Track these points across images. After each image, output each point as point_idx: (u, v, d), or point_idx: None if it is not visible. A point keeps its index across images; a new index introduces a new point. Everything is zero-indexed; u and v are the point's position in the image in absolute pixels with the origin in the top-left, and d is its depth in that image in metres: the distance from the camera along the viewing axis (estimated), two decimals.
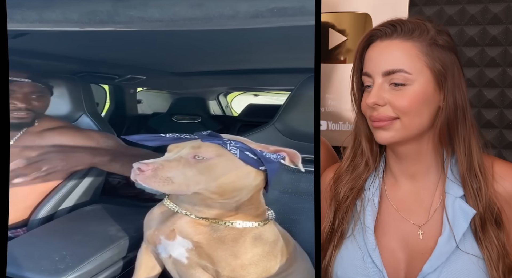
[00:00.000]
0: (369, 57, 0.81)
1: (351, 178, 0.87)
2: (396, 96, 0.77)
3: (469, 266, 0.77)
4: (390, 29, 0.79)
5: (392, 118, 0.78)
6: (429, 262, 0.79)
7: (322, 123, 1.20)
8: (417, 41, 0.78)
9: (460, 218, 0.78)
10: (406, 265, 0.83)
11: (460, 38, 1.11)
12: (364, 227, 0.85)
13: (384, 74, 0.78)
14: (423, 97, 0.77)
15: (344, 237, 0.88)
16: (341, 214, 0.87)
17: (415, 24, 0.79)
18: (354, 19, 1.16)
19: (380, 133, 0.80)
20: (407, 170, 0.84)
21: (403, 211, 0.85)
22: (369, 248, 0.84)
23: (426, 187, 0.84)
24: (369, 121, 0.82)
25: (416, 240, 0.82)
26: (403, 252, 0.83)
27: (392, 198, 0.86)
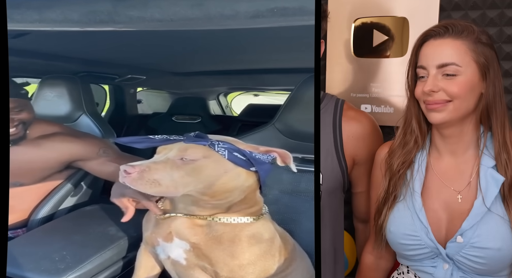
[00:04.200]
0: (424, 53, 0.96)
1: (402, 153, 1.02)
2: (449, 84, 0.92)
3: (498, 224, 0.93)
4: (443, 30, 0.94)
5: (445, 101, 0.93)
6: (466, 220, 0.94)
7: (367, 107, 1.43)
8: (466, 39, 0.93)
9: (492, 184, 0.94)
10: (447, 223, 0.98)
11: None
12: (413, 191, 1.01)
13: (438, 67, 0.93)
14: (471, 85, 0.93)
15: (396, 201, 1.03)
16: (394, 181, 1.03)
17: (463, 26, 0.94)
18: (394, 22, 1.37)
19: (433, 114, 0.95)
20: (450, 147, 1.00)
21: (445, 179, 1.00)
22: (416, 208, 1.00)
23: (465, 161, 0.99)
24: (423, 105, 0.97)
25: (455, 203, 0.98)
26: (444, 213, 0.99)
27: (436, 169, 1.02)
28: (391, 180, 1.03)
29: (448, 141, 0.99)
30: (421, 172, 1.02)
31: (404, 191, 1.03)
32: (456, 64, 0.91)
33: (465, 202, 0.97)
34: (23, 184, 1.44)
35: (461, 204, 0.97)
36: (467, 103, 0.94)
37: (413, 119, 1.01)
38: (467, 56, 0.92)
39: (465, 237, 0.95)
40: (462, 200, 0.97)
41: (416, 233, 0.99)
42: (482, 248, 0.93)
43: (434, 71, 0.93)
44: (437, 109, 0.94)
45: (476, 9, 1.29)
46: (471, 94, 0.93)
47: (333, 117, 1.19)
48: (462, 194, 0.98)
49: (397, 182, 1.02)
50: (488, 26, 1.28)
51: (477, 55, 0.92)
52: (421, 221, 0.99)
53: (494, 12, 1.28)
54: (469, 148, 0.99)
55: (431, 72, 0.94)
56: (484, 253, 0.93)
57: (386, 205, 1.04)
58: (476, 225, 0.94)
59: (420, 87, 0.96)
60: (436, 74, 0.93)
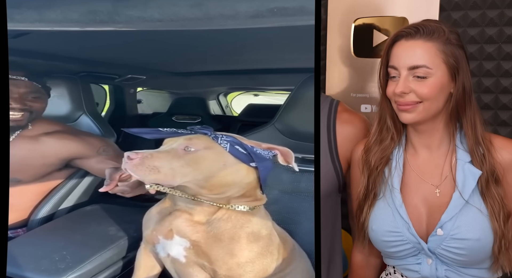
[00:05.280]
0: (395, 53, 0.97)
1: (379, 149, 1.04)
2: (419, 86, 0.94)
3: (476, 216, 0.95)
4: (414, 31, 0.95)
5: (415, 103, 0.95)
6: (446, 213, 0.97)
7: (367, 107, 1.44)
8: (436, 41, 0.94)
9: (469, 178, 0.97)
10: (427, 217, 1.00)
11: (481, 37, 1.32)
12: (392, 188, 1.03)
13: (409, 68, 0.94)
14: (440, 86, 0.94)
15: (376, 198, 1.05)
16: (373, 178, 1.04)
17: (434, 27, 0.95)
18: (394, 22, 1.39)
19: (404, 115, 0.97)
20: (424, 142, 1.02)
21: (423, 174, 1.02)
22: (396, 205, 1.02)
23: (440, 155, 1.02)
24: (395, 105, 0.99)
25: (434, 197, 1.00)
26: (424, 208, 1.01)
27: (413, 165, 1.03)
28: (370, 177, 1.05)
29: (421, 136, 1.02)
30: (399, 168, 1.03)
31: (383, 188, 1.04)
32: (427, 67, 0.93)
33: (443, 195, 0.99)
34: (21, 181, 1.44)
35: (439, 198, 0.99)
36: (436, 103, 0.96)
37: (387, 117, 1.03)
38: (437, 58, 0.93)
39: (444, 229, 0.97)
40: (440, 194, 0.99)
41: (397, 229, 1.01)
42: (462, 239, 0.95)
43: (405, 72, 0.94)
44: (407, 110, 0.96)
45: (476, 9, 1.30)
46: (441, 95, 0.95)
47: (327, 119, 1.19)
48: (440, 188, 1.00)
49: (376, 179, 1.04)
50: (488, 26, 1.29)
51: (447, 57, 0.94)
52: (402, 217, 1.00)
53: (494, 12, 1.28)
54: (442, 143, 1.01)
55: (402, 73, 0.95)
56: (464, 244, 0.95)
57: (367, 202, 1.05)
58: (455, 217, 0.96)
59: (391, 87, 0.97)
60: (407, 76, 0.94)
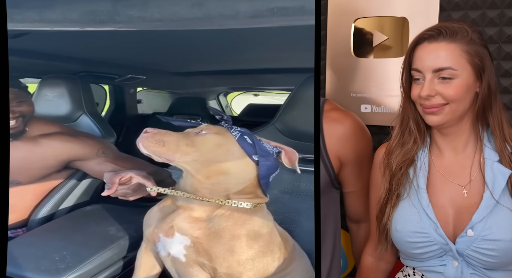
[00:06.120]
0: (418, 56, 0.96)
1: (401, 153, 1.03)
2: (445, 88, 0.93)
3: (508, 216, 0.94)
4: (436, 33, 0.94)
5: (442, 105, 0.94)
6: (477, 213, 0.95)
7: (367, 107, 1.43)
8: (460, 42, 0.93)
9: (499, 177, 0.95)
10: (454, 219, 0.99)
11: None
12: (418, 188, 1.01)
13: (434, 71, 0.93)
14: (466, 87, 0.94)
15: (400, 199, 1.03)
16: (396, 180, 1.03)
17: (457, 28, 0.94)
18: (394, 22, 1.38)
19: (430, 117, 0.96)
20: (450, 144, 1.01)
21: (449, 175, 1.01)
22: (423, 205, 1.00)
23: (466, 156, 1.01)
24: (420, 108, 0.98)
25: (461, 198, 0.99)
26: (451, 208, 0.99)
27: (438, 166, 1.02)
28: (393, 179, 1.03)
29: (447, 139, 1.01)
30: (424, 169, 1.02)
31: (407, 189, 1.02)
32: (452, 68, 0.92)
33: (471, 196, 0.97)
34: (20, 183, 1.44)
35: (467, 199, 0.98)
36: (463, 104, 0.95)
37: (410, 119, 1.02)
38: (462, 59, 0.93)
39: (475, 230, 0.95)
40: (468, 195, 0.98)
41: (424, 230, 0.99)
42: (493, 240, 0.93)
43: (430, 75, 0.94)
44: (434, 113, 0.95)
45: (476, 9, 1.30)
46: (467, 95, 0.95)
47: None
48: (468, 189, 0.98)
49: (400, 179, 1.02)
50: (488, 26, 1.29)
51: (471, 57, 0.93)
52: (430, 217, 0.99)
53: (494, 12, 1.28)
54: (469, 144, 1.00)
55: (427, 76, 0.94)
56: (495, 245, 0.93)
57: (389, 204, 1.03)
58: (486, 217, 0.94)
59: (416, 90, 0.97)
60: (432, 78, 0.94)
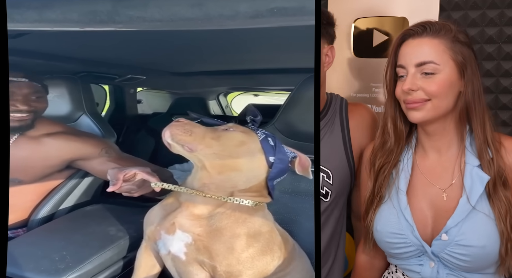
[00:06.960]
0: (403, 52, 0.97)
1: (383, 153, 1.04)
2: (427, 83, 0.93)
3: (484, 222, 0.94)
4: (421, 29, 0.95)
5: (424, 100, 0.94)
6: (452, 218, 0.95)
7: None
8: (443, 38, 0.94)
9: (477, 183, 0.95)
10: (432, 221, 0.99)
11: (481, 37, 1.32)
12: (398, 190, 1.02)
13: (417, 65, 0.94)
14: (449, 83, 0.94)
15: (382, 201, 1.04)
16: (379, 182, 1.04)
17: (440, 25, 0.95)
18: (394, 22, 1.38)
19: (413, 113, 0.96)
20: (434, 144, 1.01)
21: (431, 177, 1.01)
22: (401, 207, 1.01)
23: (449, 158, 1.00)
24: (403, 105, 0.98)
25: (441, 201, 0.99)
26: (430, 211, 1.00)
27: (422, 167, 1.02)
28: (376, 181, 1.04)
29: (431, 138, 1.00)
30: (406, 170, 1.03)
31: (389, 191, 1.03)
32: (434, 63, 0.92)
33: (450, 200, 0.98)
34: (22, 181, 1.44)
35: (447, 202, 0.98)
36: (446, 101, 0.95)
37: (388, 120, 1.02)
38: (445, 54, 0.93)
39: (450, 234, 0.95)
40: (447, 198, 0.98)
41: (401, 232, 1.00)
42: (466, 246, 0.94)
43: (413, 70, 0.94)
44: (416, 108, 0.95)
45: (476, 9, 1.30)
46: (450, 92, 0.94)
47: (340, 117, 1.22)
48: (447, 192, 0.98)
49: (383, 182, 1.03)
50: (488, 26, 1.29)
51: (455, 54, 0.93)
52: (407, 219, 1.00)
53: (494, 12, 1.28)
54: (452, 146, 1.00)
55: (410, 71, 0.95)
56: (468, 251, 0.94)
57: (372, 205, 1.05)
58: (461, 222, 0.94)
59: (400, 87, 0.97)
60: (415, 73, 0.94)
